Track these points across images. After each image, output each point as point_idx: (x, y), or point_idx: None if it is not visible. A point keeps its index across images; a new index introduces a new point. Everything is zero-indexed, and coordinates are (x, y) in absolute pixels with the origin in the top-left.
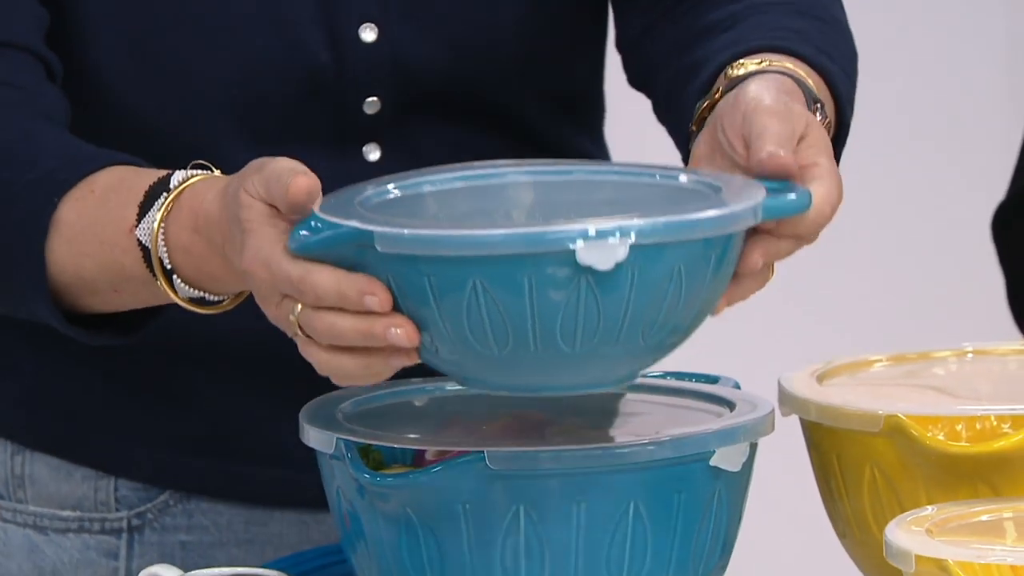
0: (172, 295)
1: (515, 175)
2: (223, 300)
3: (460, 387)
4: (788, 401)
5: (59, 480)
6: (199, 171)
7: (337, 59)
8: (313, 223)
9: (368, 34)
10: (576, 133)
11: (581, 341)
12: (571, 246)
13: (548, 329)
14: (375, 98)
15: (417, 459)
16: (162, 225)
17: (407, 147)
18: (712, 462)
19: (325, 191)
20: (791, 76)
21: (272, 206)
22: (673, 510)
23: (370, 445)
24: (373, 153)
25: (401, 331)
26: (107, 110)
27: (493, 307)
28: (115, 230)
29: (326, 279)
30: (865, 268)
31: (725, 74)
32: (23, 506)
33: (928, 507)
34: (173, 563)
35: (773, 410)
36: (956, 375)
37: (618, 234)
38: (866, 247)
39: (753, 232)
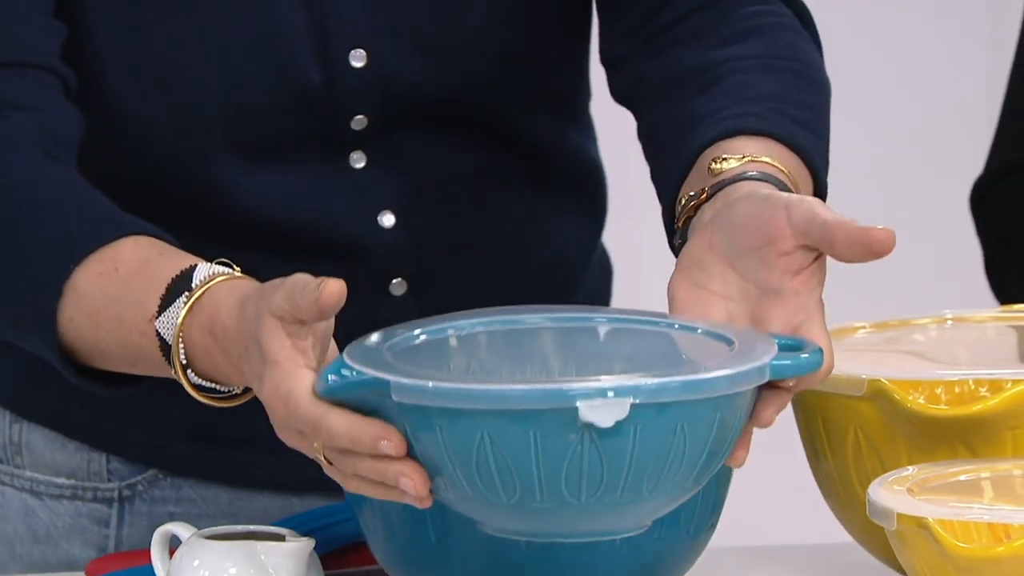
0: (188, 387)
1: (537, 321)
2: (236, 393)
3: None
4: None
5: (54, 450)
6: (220, 269)
7: (327, 81)
8: (340, 369)
9: (357, 59)
10: (561, 125)
11: (586, 493)
12: (574, 404)
13: (554, 481)
14: (362, 116)
15: None
16: (182, 326)
17: (392, 155)
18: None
19: (312, 200)
20: (773, 182)
21: (298, 321)
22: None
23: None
24: (359, 162)
25: (410, 481)
26: (108, 118)
27: (501, 458)
28: (136, 315)
29: (341, 425)
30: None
31: (709, 168)
32: (20, 471)
33: (909, 467)
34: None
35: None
36: (936, 341)
37: (619, 393)
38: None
39: (768, 386)
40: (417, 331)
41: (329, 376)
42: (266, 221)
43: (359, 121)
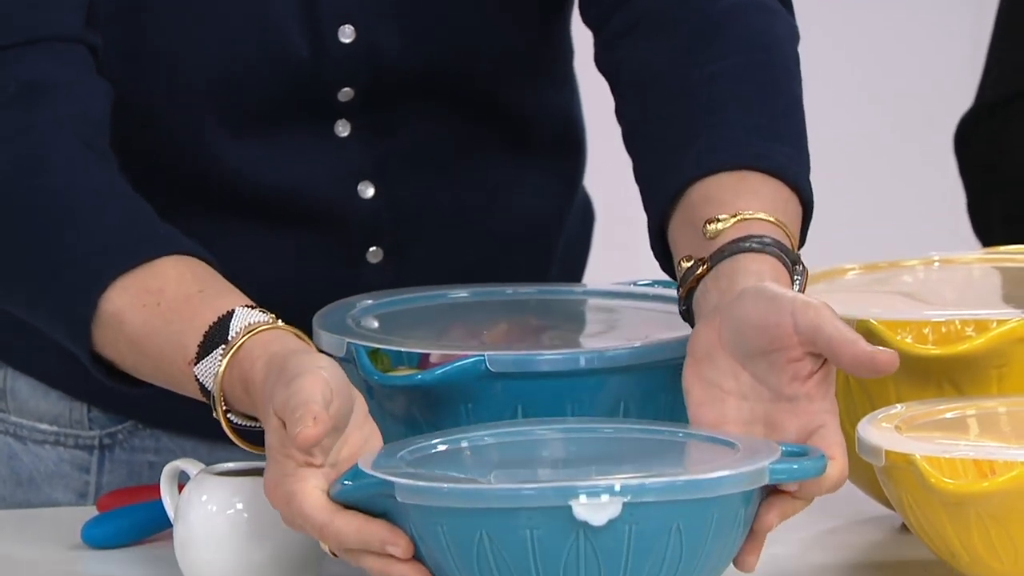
0: (229, 432)
1: (546, 432)
2: None
3: (463, 295)
4: None
5: (38, 397)
6: (257, 319)
7: (316, 56)
8: (356, 476)
9: (346, 35)
10: (542, 89)
11: None
12: (567, 502)
13: None
14: (349, 89)
15: (422, 363)
16: (221, 379)
17: (376, 125)
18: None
19: (296, 167)
20: (771, 252)
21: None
22: (661, 410)
23: (378, 350)
24: (343, 131)
25: None
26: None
27: (500, 556)
28: (176, 354)
29: (351, 529)
30: (842, 186)
31: (704, 231)
32: (5, 416)
33: (897, 406)
34: (140, 480)
35: None
36: (924, 282)
37: (612, 492)
38: (843, 166)
39: (773, 491)
40: (436, 440)
41: (344, 481)
42: (250, 187)
43: (346, 93)
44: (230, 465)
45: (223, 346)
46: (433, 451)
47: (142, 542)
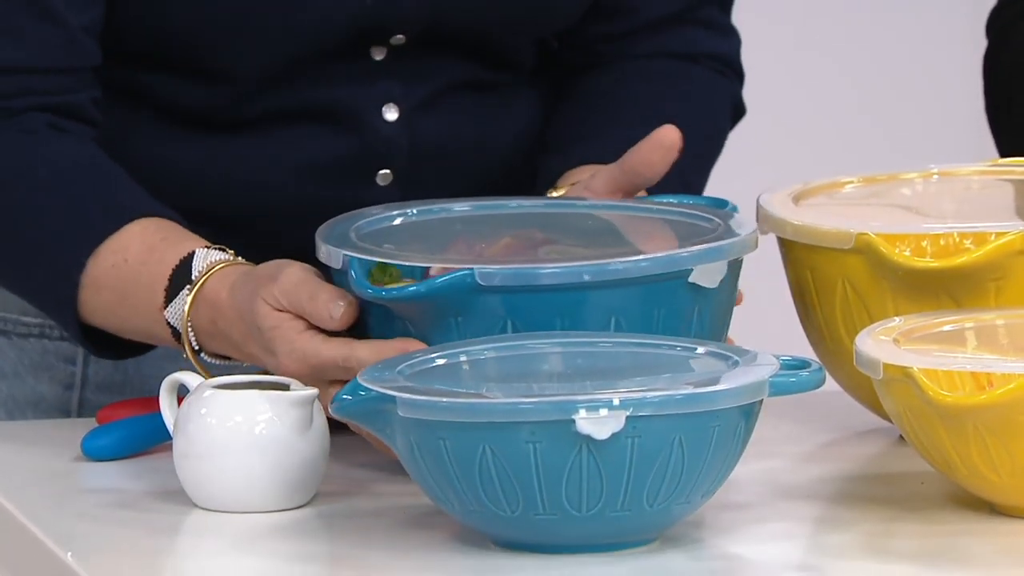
0: (200, 369)
1: (544, 346)
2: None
3: (466, 209)
4: (766, 220)
5: None
6: (216, 257)
7: (378, 5)
8: (355, 390)
9: None
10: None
11: (587, 505)
12: (571, 416)
13: (554, 493)
14: (401, 35)
15: (423, 277)
16: (190, 320)
17: (411, 59)
18: (690, 279)
19: (324, 80)
20: None
21: (296, 315)
22: (653, 325)
23: (386, 264)
24: (378, 55)
25: None
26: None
27: (503, 470)
28: (147, 305)
29: (369, 352)
30: (842, 98)
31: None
32: None
33: (895, 318)
34: (126, 372)
35: (755, 232)
36: (922, 195)
37: (615, 406)
38: (845, 80)
39: None
40: (435, 354)
41: (343, 396)
42: (272, 99)
43: (397, 39)
44: (229, 379)
45: (188, 286)
46: (432, 365)
47: (141, 454)
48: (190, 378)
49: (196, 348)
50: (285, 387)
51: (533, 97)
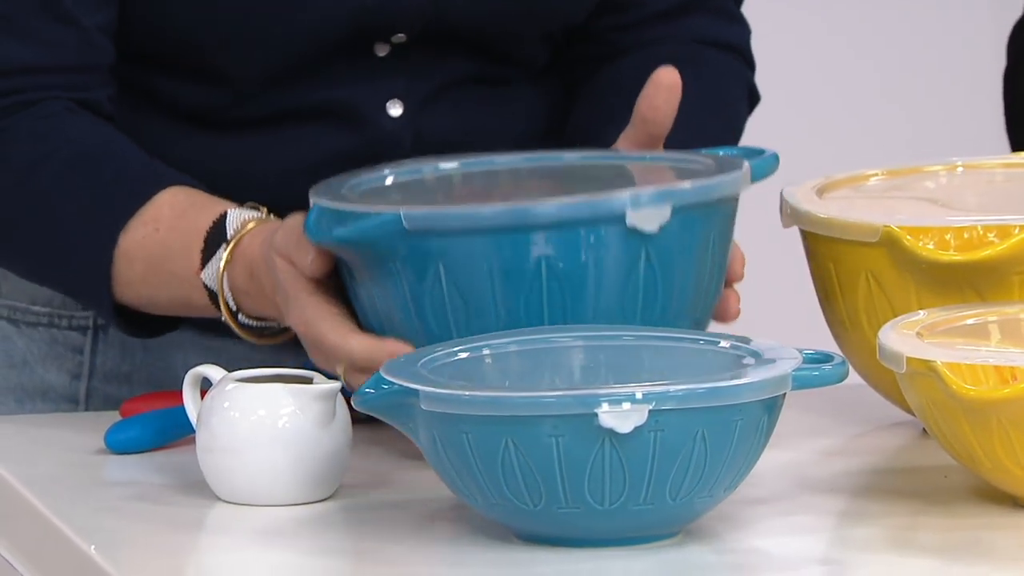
0: (238, 330)
1: (567, 339)
2: (286, 330)
3: (466, 165)
4: (789, 213)
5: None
6: (250, 214)
7: (381, 5)
8: (378, 384)
9: None
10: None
11: (610, 498)
12: (594, 410)
13: (577, 486)
14: (403, 34)
15: None
16: (225, 276)
17: (414, 55)
18: (628, 223)
19: (329, 77)
20: None
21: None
22: (587, 272)
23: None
24: (381, 52)
25: None
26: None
27: (525, 464)
28: (183, 269)
29: (362, 347)
30: (866, 91)
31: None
32: None
33: (919, 312)
34: (134, 361)
35: (728, 178)
36: (946, 188)
37: (638, 400)
38: (868, 72)
39: None
40: (457, 348)
41: (366, 389)
42: (276, 100)
43: (399, 37)
44: (252, 372)
45: (224, 244)
46: (455, 359)
47: (164, 448)
48: (213, 371)
49: (234, 310)
50: (308, 380)
51: (539, 94)
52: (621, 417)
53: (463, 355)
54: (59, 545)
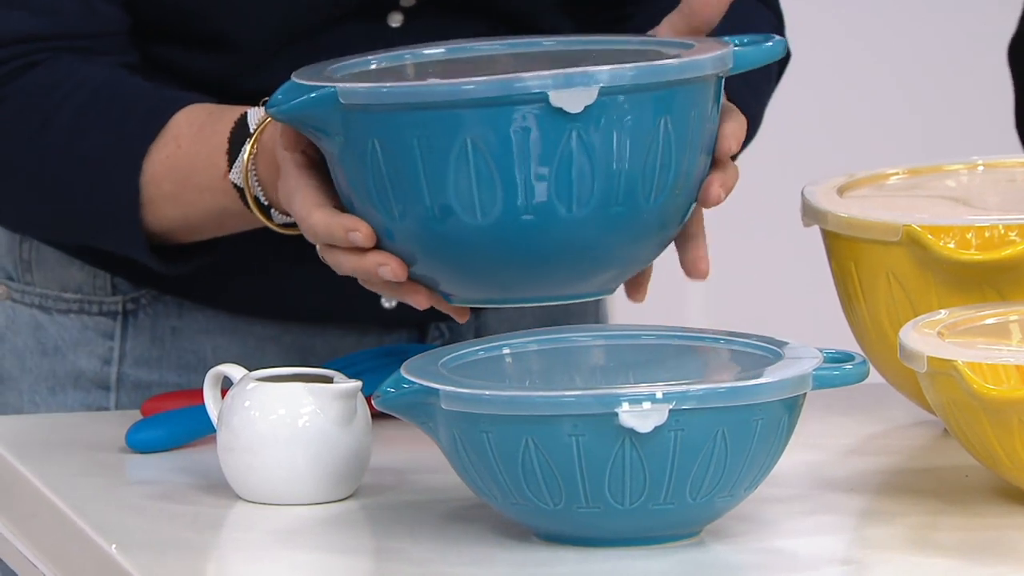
0: (271, 224)
1: (587, 339)
2: None
3: (451, 52)
4: (810, 213)
5: (62, 266)
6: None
7: None
8: (399, 383)
9: None
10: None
11: (630, 498)
12: (614, 409)
13: (597, 486)
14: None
15: None
16: (252, 168)
17: (426, 24)
18: (552, 103)
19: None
20: None
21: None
22: (511, 150)
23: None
24: (395, 22)
25: (389, 268)
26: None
27: (545, 464)
28: (210, 177)
29: (321, 221)
30: (887, 89)
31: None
32: (31, 287)
33: (940, 311)
34: (163, 346)
35: (632, 68)
36: (967, 187)
37: (658, 399)
38: (889, 71)
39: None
40: (476, 347)
41: (388, 388)
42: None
43: (408, 1)
44: (272, 372)
45: (248, 139)
46: (475, 358)
47: (186, 447)
48: (234, 371)
49: (265, 204)
50: (329, 379)
51: None
52: (641, 416)
53: (483, 354)
54: (80, 544)
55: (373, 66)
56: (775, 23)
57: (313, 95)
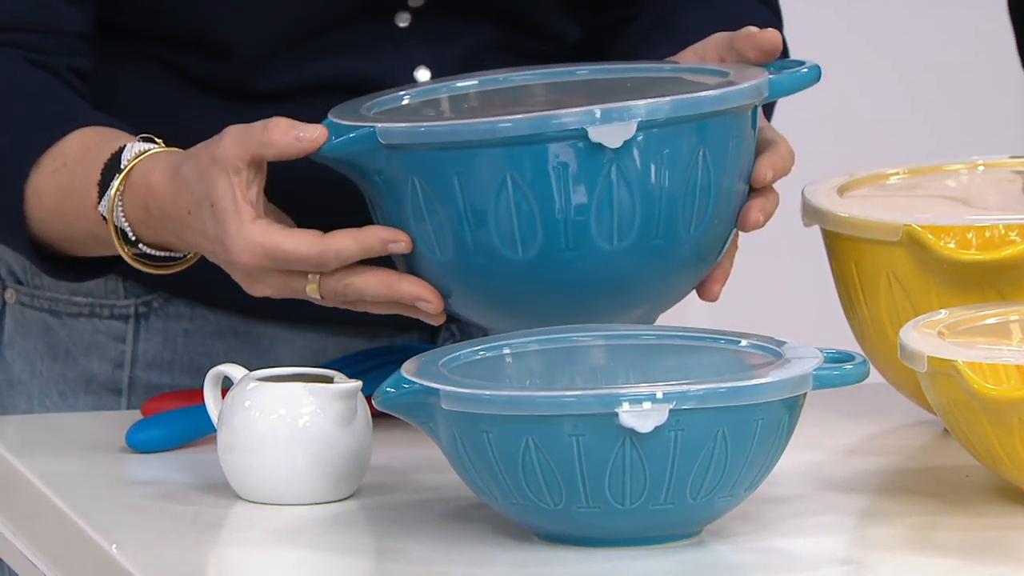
0: (130, 261)
1: (587, 339)
2: (186, 256)
3: (483, 84)
4: (810, 212)
5: None
6: (145, 146)
7: None
8: (399, 383)
9: None
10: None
11: (630, 498)
12: (614, 410)
13: (597, 486)
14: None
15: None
16: (119, 203)
17: (435, 24)
18: (592, 139)
19: (353, 52)
20: None
21: (254, 164)
22: (550, 184)
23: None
24: (403, 22)
25: (430, 304)
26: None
27: (546, 464)
28: (85, 204)
29: (348, 241)
30: (887, 89)
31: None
32: (40, 291)
33: (940, 311)
34: (175, 349)
35: (669, 100)
36: (967, 187)
37: (658, 399)
38: (889, 71)
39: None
40: (478, 347)
41: (388, 388)
42: (304, 77)
43: (416, 1)
44: (272, 372)
45: (117, 175)
46: (475, 358)
47: (186, 447)
48: (235, 371)
49: (133, 239)
50: (329, 379)
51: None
52: (641, 416)
53: (483, 354)
54: (81, 544)
55: (405, 101)
56: (775, 23)
57: (352, 135)
